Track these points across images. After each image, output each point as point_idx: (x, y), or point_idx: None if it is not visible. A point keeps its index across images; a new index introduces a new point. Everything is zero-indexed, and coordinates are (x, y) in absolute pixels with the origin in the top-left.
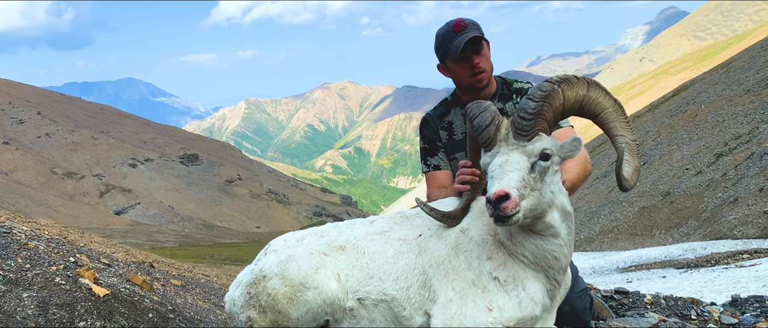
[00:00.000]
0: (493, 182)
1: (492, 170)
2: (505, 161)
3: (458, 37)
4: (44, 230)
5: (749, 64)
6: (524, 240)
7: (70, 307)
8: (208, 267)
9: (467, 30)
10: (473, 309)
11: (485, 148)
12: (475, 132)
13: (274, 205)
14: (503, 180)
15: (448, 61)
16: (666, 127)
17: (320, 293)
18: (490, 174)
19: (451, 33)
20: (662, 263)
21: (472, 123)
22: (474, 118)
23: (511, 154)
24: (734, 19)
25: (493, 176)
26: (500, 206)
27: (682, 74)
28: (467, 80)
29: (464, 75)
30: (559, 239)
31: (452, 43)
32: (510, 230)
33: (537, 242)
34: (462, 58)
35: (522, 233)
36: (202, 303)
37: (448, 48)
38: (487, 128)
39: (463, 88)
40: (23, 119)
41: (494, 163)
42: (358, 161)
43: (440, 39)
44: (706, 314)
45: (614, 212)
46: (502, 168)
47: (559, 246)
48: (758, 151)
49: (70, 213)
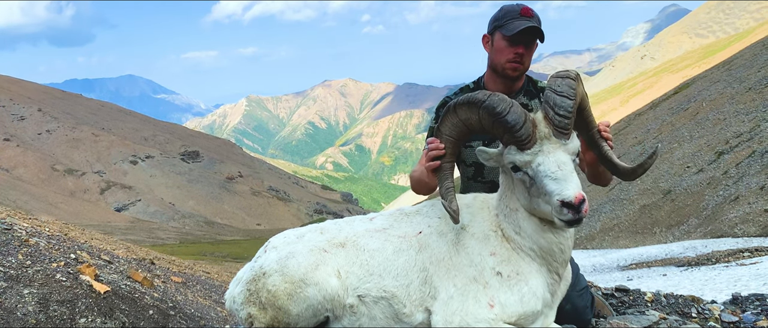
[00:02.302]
0: (561, 183)
1: (550, 170)
2: (561, 162)
3: (523, 19)
4: (45, 227)
5: (751, 62)
6: (534, 234)
7: (70, 304)
8: (209, 264)
9: (533, 20)
10: (474, 305)
11: (522, 145)
12: (506, 128)
13: (274, 202)
14: (573, 183)
15: (498, 35)
16: (667, 125)
17: (320, 289)
18: (551, 175)
19: (517, 12)
20: (663, 261)
21: (504, 118)
22: (505, 113)
23: (558, 153)
24: (736, 16)
25: (557, 176)
26: (582, 209)
27: (683, 72)
28: (504, 63)
29: (504, 56)
30: (567, 231)
31: (514, 21)
32: (520, 224)
33: (547, 236)
34: (514, 39)
35: (532, 227)
36: (203, 300)
37: (507, 23)
38: (524, 126)
39: (495, 72)
40: (24, 116)
41: (548, 162)
42: (359, 159)
43: (504, 11)
44: (706, 312)
45: (615, 210)
46: (562, 170)
47: (566, 239)
48: (759, 149)
49: (70, 210)
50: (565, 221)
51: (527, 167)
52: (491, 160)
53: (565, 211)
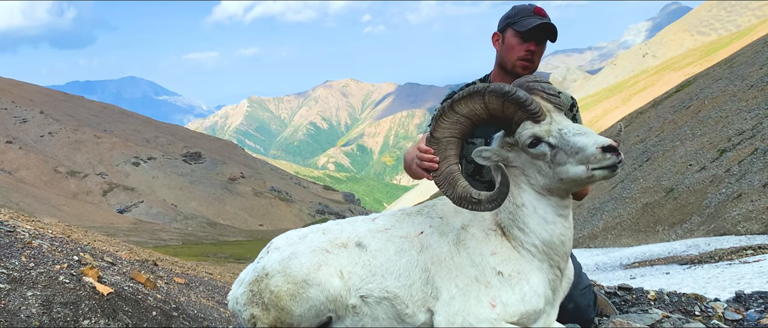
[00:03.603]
0: (592, 136)
1: (573, 129)
2: (579, 126)
3: (536, 17)
4: (48, 229)
5: (753, 59)
6: (538, 228)
7: (74, 305)
8: (212, 265)
9: (546, 19)
10: (476, 305)
11: (536, 118)
12: (520, 105)
13: (276, 203)
14: (597, 135)
15: (510, 31)
16: (669, 123)
17: (323, 289)
18: (576, 132)
19: (530, 10)
20: (666, 260)
21: (516, 97)
22: (514, 92)
23: (567, 120)
24: (737, 14)
25: (584, 132)
26: (620, 152)
27: (685, 70)
28: (514, 61)
29: (515, 53)
30: (568, 220)
31: (528, 19)
32: (524, 221)
33: (551, 228)
34: (526, 36)
35: (537, 220)
36: (206, 301)
37: (520, 20)
38: (534, 102)
39: (504, 70)
40: (26, 118)
41: (566, 124)
42: (361, 159)
43: (517, 9)
44: (709, 310)
45: (617, 209)
46: (582, 129)
47: (566, 228)
48: (762, 146)
49: (73, 212)
50: (608, 167)
51: (548, 136)
52: (491, 156)
53: (608, 155)
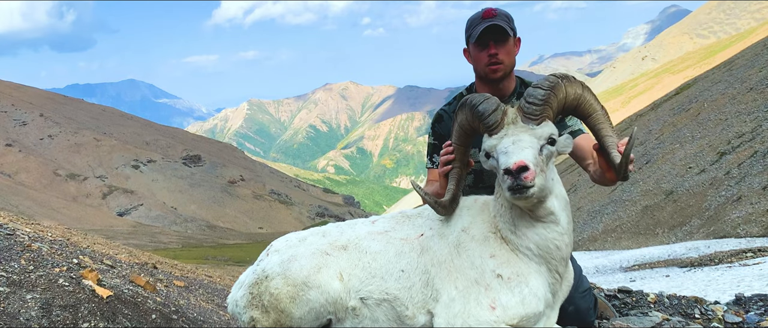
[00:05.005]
0: (509, 155)
1: (504, 147)
2: (518, 139)
3: (484, 22)
4: (47, 232)
5: (752, 62)
6: (528, 231)
7: (73, 308)
8: (211, 268)
9: (495, 18)
10: (476, 307)
11: (491, 131)
12: (478, 117)
13: (276, 205)
14: (520, 154)
15: (471, 45)
16: (668, 125)
17: (323, 292)
18: (503, 150)
19: (479, 18)
20: (665, 262)
21: (476, 109)
22: (478, 104)
23: (521, 134)
24: (736, 17)
25: (508, 150)
26: (521, 176)
27: (684, 72)
28: (483, 68)
29: (481, 62)
30: (559, 226)
31: (477, 27)
32: (514, 223)
33: (540, 232)
34: (481, 43)
35: (525, 223)
36: (205, 304)
37: (472, 31)
38: (493, 113)
39: (480, 78)
40: (26, 121)
41: (505, 141)
42: (361, 162)
43: (469, 21)
44: (709, 313)
45: (617, 211)
46: (516, 145)
47: (560, 234)
48: (761, 149)
49: (73, 215)
50: (508, 189)
51: (493, 150)
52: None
53: (506, 178)
